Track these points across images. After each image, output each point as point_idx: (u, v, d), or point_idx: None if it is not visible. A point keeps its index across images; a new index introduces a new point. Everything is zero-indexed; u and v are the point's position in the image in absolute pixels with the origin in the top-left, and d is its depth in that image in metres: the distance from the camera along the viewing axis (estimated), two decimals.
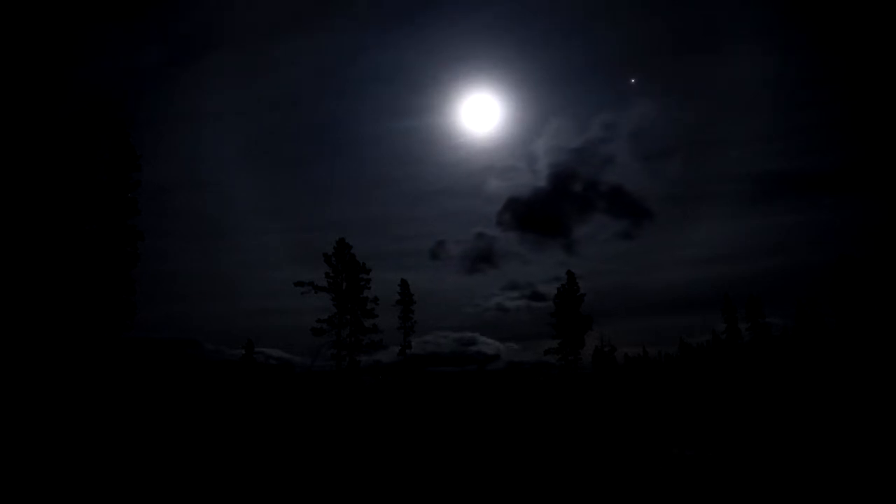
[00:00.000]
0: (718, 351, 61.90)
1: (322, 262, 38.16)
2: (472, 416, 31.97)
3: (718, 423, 24.20)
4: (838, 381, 35.16)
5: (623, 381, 53.75)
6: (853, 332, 49.09)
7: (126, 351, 27.33)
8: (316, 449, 18.84)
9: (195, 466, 15.01)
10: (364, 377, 40.16)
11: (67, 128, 25.05)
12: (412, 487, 12.82)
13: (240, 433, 22.24)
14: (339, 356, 37.00)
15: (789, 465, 14.02)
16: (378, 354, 40.16)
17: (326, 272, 37.84)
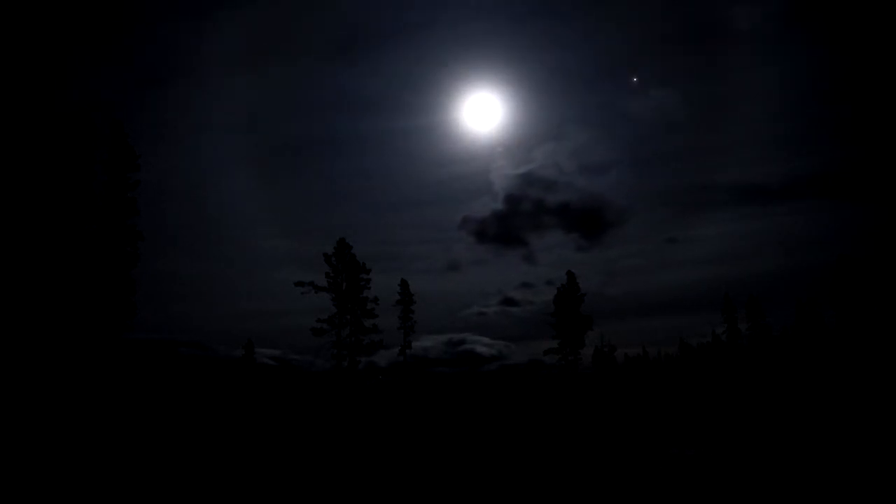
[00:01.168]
0: (718, 351, 61.80)
1: (322, 263, 38.10)
2: (474, 416, 31.94)
3: (718, 423, 24.18)
4: (838, 381, 35.12)
5: (623, 381, 53.72)
6: (853, 332, 49.04)
7: (128, 351, 27.28)
8: (317, 448, 18.82)
9: (198, 464, 14.99)
10: (360, 378, 39.99)
11: (67, 129, 25.01)
12: (422, 487, 12.81)
13: (242, 433, 22.22)
14: (339, 356, 36.88)
15: (789, 464, 14.01)
16: (374, 356, 39.92)
17: (326, 272, 37.71)
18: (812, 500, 10.89)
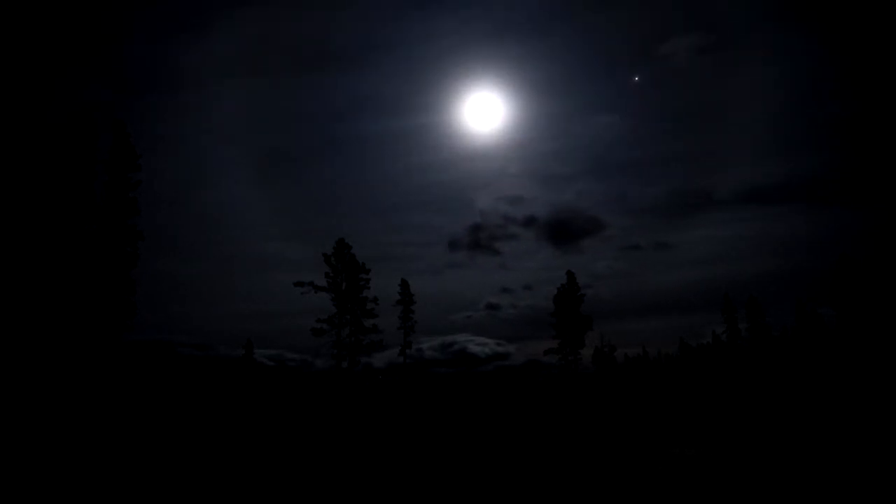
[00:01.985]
0: (718, 351, 61.80)
1: (322, 263, 38.03)
2: (474, 416, 31.94)
3: (718, 423, 24.18)
4: (838, 381, 35.13)
5: (623, 381, 53.73)
6: (853, 332, 49.04)
7: (128, 351, 27.25)
8: (318, 448, 18.82)
9: (197, 464, 14.99)
10: (360, 378, 39.90)
11: (68, 128, 25.00)
12: (423, 487, 12.81)
13: (242, 433, 22.22)
14: (339, 356, 36.84)
15: (789, 464, 14.01)
16: (374, 356, 39.75)
17: (326, 272, 37.68)
18: (812, 500, 10.89)
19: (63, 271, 23.95)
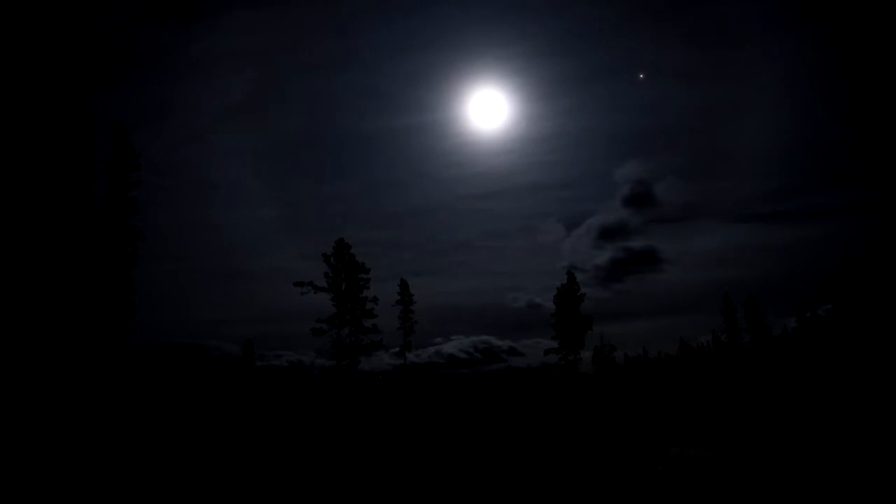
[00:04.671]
0: (718, 351, 61.80)
1: (322, 263, 38.02)
2: (475, 416, 31.91)
3: (719, 424, 24.15)
4: (838, 381, 35.12)
5: (623, 382, 53.66)
6: (853, 332, 49.02)
7: (127, 352, 27.23)
8: (318, 449, 18.81)
9: (198, 464, 14.97)
10: (361, 378, 39.84)
11: (67, 128, 24.98)
12: (422, 487, 12.78)
13: (241, 433, 22.19)
14: (339, 356, 36.81)
15: (789, 464, 13.99)
16: (373, 356, 39.66)
17: (326, 272, 37.67)
18: (812, 499, 10.88)
19: (62, 271, 23.92)
